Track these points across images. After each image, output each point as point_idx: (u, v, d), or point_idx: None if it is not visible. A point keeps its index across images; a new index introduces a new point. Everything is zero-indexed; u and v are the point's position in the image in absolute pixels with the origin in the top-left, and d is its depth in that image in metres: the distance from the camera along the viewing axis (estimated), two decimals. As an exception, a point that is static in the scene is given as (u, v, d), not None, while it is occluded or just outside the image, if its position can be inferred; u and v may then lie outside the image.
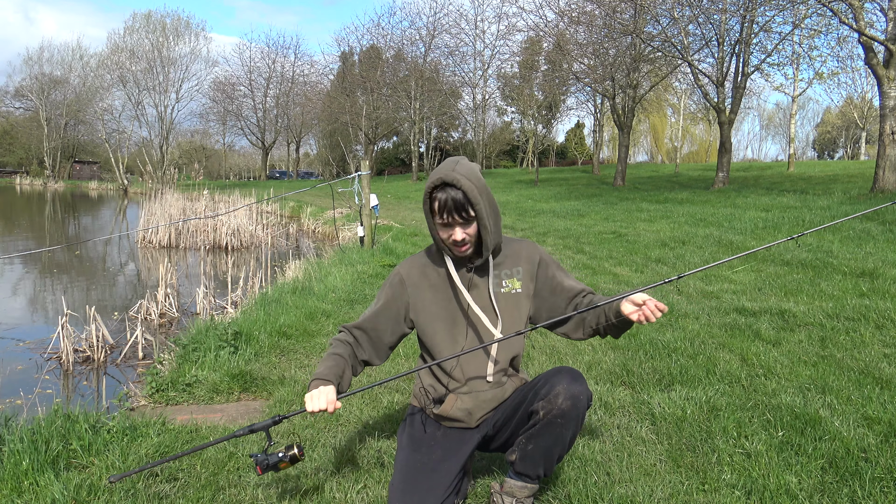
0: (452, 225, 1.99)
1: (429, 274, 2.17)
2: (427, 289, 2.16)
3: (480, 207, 1.96)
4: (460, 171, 1.95)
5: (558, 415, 1.94)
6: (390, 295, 2.18)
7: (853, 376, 3.32)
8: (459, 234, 1.99)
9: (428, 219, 2.05)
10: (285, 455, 1.97)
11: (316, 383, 1.97)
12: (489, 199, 2.01)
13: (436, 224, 2.03)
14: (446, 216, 1.97)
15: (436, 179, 1.95)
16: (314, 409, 1.90)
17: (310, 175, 64.62)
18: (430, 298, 2.15)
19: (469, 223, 1.99)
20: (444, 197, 1.95)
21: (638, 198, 17.06)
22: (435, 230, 2.05)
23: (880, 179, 12.56)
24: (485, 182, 2.02)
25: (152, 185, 16.19)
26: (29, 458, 2.41)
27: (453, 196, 1.94)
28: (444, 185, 1.95)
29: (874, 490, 2.19)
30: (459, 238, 2.00)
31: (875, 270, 6.00)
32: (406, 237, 11.13)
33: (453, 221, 1.98)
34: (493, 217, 2.03)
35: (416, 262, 2.21)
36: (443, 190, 1.96)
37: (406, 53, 41.87)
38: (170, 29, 52.01)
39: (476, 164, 2.07)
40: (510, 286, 2.12)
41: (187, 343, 4.15)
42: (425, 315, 2.16)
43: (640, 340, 4.13)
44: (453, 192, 1.94)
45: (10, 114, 61.36)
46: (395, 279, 2.19)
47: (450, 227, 2.00)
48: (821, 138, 67.68)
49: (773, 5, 16.63)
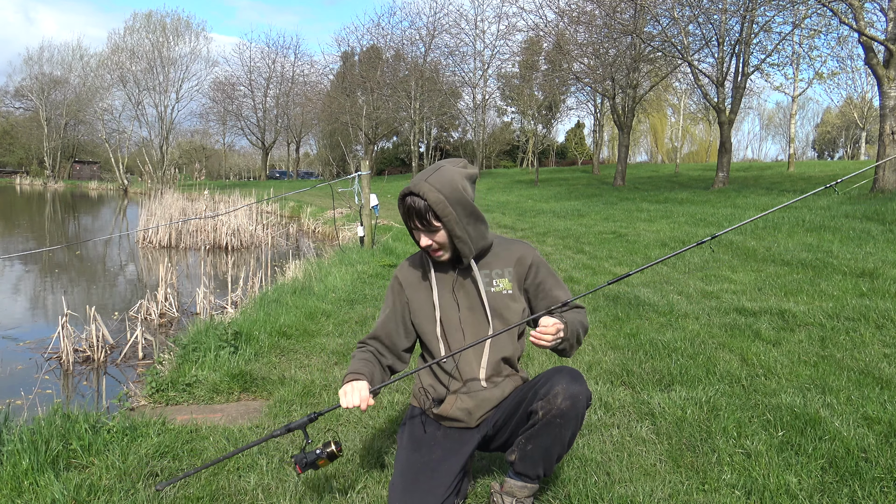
0: (419, 230, 2.06)
1: (420, 275, 2.20)
2: (421, 289, 2.19)
3: (449, 219, 1.98)
4: (432, 182, 1.98)
5: (557, 415, 1.94)
6: (393, 300, 2.23)
7: (853, 376, 3.32)
8: (424, 240, 2.06)
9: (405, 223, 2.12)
10: (323, 452, 1.98)
11: (350, 377, 2.03)
12: (466, 208, 2.01)
13: (409, 228, 2.10)
14: (410, 222, 2.06)
15: (406, 188, 2.03)
16: (348, 405, 1.93)
17: (310, 175, 64.61)
18: (423, 299, 2.17)
19: (433, 231, 2.03)
20: (409, 203, 2.02)
21: (638, 198, 17.06)
22: (411, 233, 2.13)
23: (880, 179, 12.56)
24: (461, 190, 2.00)
25: (152, 186, 16.19)
26: (29, 458, 2.41)
27: (416, 205, 2.00)
28: (412, 194, 2.01)
29: (874, 490, 2.19)
30: (424, 244, 2.07)
31: (875, 270, 6.00)
32: (406, 237, 11.12)
33: (416, 227, 2.05)
34: (471, 225, 2.03)
35: (410, 264, 2.25)
36: (410, 197, 2.02)
37: (406, 53, 41.87)
38: (170, 29, 52.03)
39: (463, 170, 2.06)
40: (501, 286, 2.13)
41: (187, 343, 4.15)
42: (420, 316, 2.18)
43: (640, 340, 4.13)
44: (418, 200, 2.00)
45: (10, 114, 61.38)
46: (395, 283, 2.25)
47: (418, 232, 2.07)
48: (821, 138, 67.68)
49: (773, 5, 16.64)
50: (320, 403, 3.18)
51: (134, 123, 53.82)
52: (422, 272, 2.20)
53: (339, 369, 3.78)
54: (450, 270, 2.15)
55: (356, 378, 2.01)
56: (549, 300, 2.13)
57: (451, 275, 2.14)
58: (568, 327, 1.99)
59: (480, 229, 2.08)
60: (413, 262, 2.25)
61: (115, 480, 2.34)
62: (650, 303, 5.24)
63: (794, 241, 8.13)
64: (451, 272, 2.15)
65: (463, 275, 2.14)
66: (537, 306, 2.15)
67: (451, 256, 2.10)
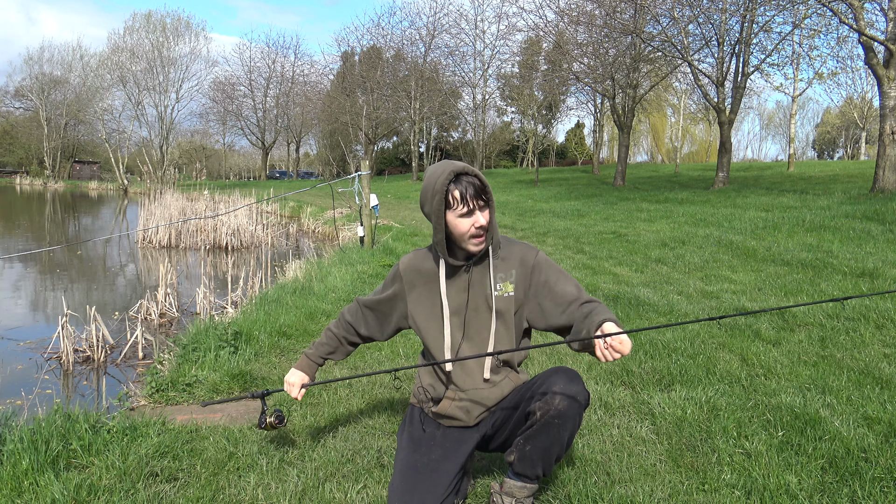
0: (473, 211, 2.00)
1: (426, 273, 2.17)
2: (423, 287, 2.17)
3: (491, 199, 2.03)
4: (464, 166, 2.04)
5: (555, 415, 1.93)
6: (390, 288, 2.27)
7: (853, 376, 3.32)
8: (482, 219, 2.00)
9: (438, 218, 2.00)
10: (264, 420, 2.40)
11: (297, 366, 2.44)
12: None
13: (455, 217, 2.00)
14: (471, 202, 1.98)
15: (449, 174, 1.98)
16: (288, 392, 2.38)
17: (310, 175, 64.58)
18: (425, 297, 2.16)
19: (487, 207, 2.02)
20: (465, 183, 1.98)
21: (638, 198, 17.05)
22: (451, 227, 2.03)
23: (880, 179, 12.55)
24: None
25: (151, 185, 16.19)
26: (29, 458, 2.41)
27: (477, 182, 1.99)
28: (459, 176, 1.99)
29: (874, 490, 2.19)
30: (485, 222, 2.01)
31: (875, 270, 6.00)
32: (406, 237, 11.13)
33: (475, 206, 2.00)
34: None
35: (415, 260, 2.22)
36: (458, 182, 1.98)
37: (406, 53, 41.89)
38: (170, 29, 52.01)
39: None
40: (503, 289, 2.10)
41: (187, 343, 4.15)
42: (421, 314, 2.17)
43: (640, 340, 4.13)
44: (471, 178, 1.99)
45: (10, 114, 61.34)
46: (395, 274, 2.25)
47: (471, 215, 2.00)
48: (821, 138, 67.69)
49: (773, 5, 16.63)
50: (320, 403, 3.18)
51: (134, 123, 53.84)
52: (430, 267, 2.17)
53: (339, 369, 3.78)
54: (460, 269, 2.12)
55: (300, 372, 2.41)
56: (557, 296, 2.07)
57: (462, 274, 2.12)
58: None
59: (495, 221, 2.10)
60: (419, 259, 2.21)
61: (115, 480, 2.34)
62: (650, 303, 5.24)
63: (794, 241, 8.13)
64: (460, 270, 2.12)
65: (476, 274, 2.11)
66: (546, 305, 2.09)
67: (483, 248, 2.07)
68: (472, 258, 2.10)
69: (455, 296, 2.13)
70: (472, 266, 2.11)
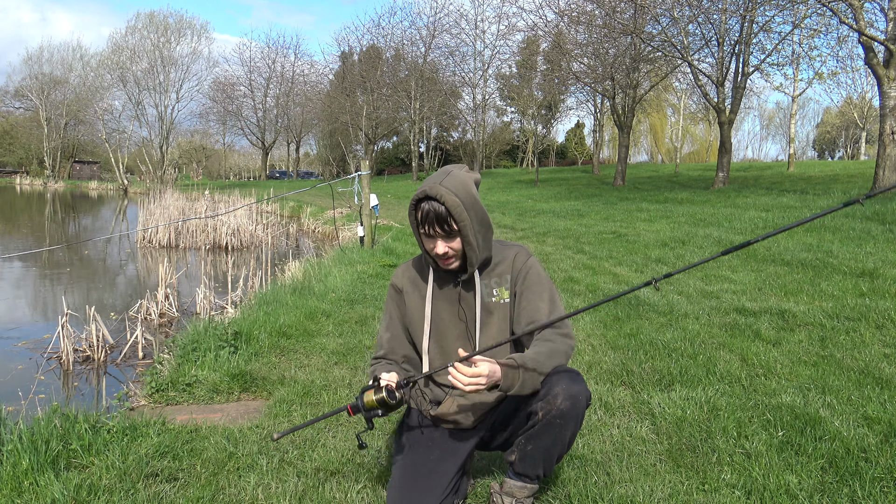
0: (435, 237, 1.98)
1: (418, 283, 2.18)
2: (417, 297, 2.17)
3: (466, 224, 1.94)
4: (447, 185, 1.93)
5: (557, 415, 1.93)
6: (393, 308, 2.22)
7: (853, 376, 3.32)
8: (441, 248, 1.98)
9: (414, 229, 2.04)
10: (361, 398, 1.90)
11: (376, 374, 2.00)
12: (478, 214, 1.97)
13: (420, 235, 2.03)
14: (428, 227, 1.97)
15: (420, 193, 1.95)
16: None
17: (310, 175, 64.59)
18: (419, 307, 2.16)
19: (452, 237, 1.98)
20: (427, 208, 1.94)
21: (638, 198, 17.06)
22: (420, 241, 2.05)
23: (880, 179, 12.55)
24: (475, 196, 1.98)
25: (151, 185, 16.19)
26: (29, 458, 2.41)
27: (436, 209, 1.93)
28: (428, 198, 1.94)
29: (874, 490, 2.19)
30: (441, 251, 1.99)
31: (875, 270, 6.00)
32: (406, 237, 11.12)
33: (435, 234, 1.97)
34: (481, 233, 2.00)
35: (407, 271, 2.22)
36: (427, 202, 1.95)
37: (406, 53, 41.89)
38: (172, 29, 52.01)
39: (471, 175, 2.03)
40: (499, 295, 2.09)
41: (187, 343, 4.15)
42: (415, 324, 2.17)
43: (640, 340, 4.13)
44: (436, 205, 1.93)
45: (10, 114, 61.32)
46: (392, 292, 2.23)
47: (432, 239, 1.99)
48: (821, 138, 67.70)
49: (773, 5, 16.63)
50: (320, 403, 3.18)
51: (134, 123, 53.90)
52: (420, 280, 2.17)
53: (339, 369, 3.78)
54: (451, 282, 2.11)
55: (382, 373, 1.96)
56: (528, 312, 2.04)
57: (452, 287, 2.10)
58: (518, 374, 1.84)
59: (488, 238, 2.04)
60: (410, 269, 2.21)
61: (115, 480, 2.34)
62: (650, 303, 5.24)
63: (794, 241, 8.13)
64: (451, 284, 2.11)
65: (465, 287, 2.10)
66: (517, 315, 2.07)
67: (459, 265, 2.05)
68: (458, 273, 2.09)
69: (444, 310, 2.12)
70: (464, 281, 2.10)
